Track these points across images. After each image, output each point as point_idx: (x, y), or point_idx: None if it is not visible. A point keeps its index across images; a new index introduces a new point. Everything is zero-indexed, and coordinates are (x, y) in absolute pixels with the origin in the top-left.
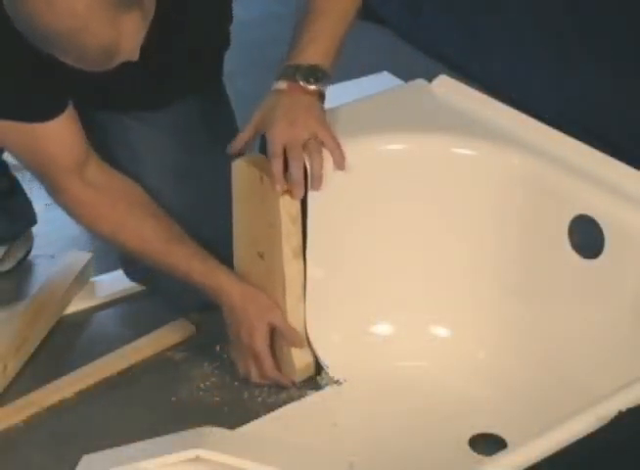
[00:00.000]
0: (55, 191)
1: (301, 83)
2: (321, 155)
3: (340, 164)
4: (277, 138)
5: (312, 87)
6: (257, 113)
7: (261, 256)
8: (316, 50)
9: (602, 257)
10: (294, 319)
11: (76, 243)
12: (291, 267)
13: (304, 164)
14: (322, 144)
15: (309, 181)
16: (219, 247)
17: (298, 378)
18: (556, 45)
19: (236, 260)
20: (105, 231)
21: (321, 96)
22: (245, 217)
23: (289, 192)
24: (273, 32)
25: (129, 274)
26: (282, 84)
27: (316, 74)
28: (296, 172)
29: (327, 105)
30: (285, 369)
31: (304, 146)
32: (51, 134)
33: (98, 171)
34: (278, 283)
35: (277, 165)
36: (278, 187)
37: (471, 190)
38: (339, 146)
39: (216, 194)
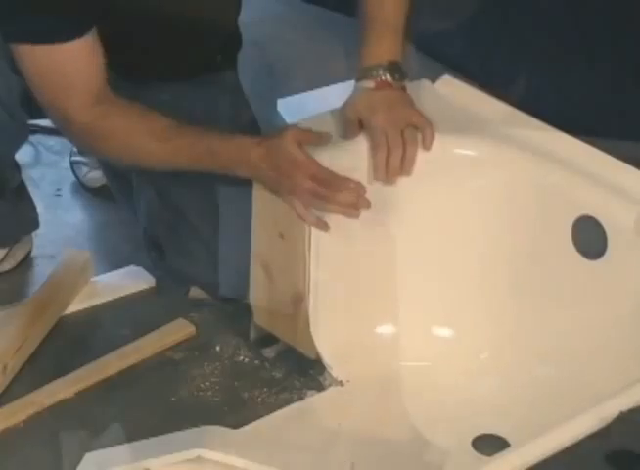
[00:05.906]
0: (64, 120)
1: (387, 79)
2: (417, 144)
3: (427, 143)
4: (380, 127)
5: (398, 82)
6: (350, 109)
7: (282, 236)
8: (386, 47)
9: (605, 257)
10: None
11: (76, 243)
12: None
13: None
14: (416, 129)
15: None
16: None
17: (316, 355)
18: (556, 45)
19: (254, 239)
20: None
21: (404, 89)
22: (265, 198)
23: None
24: (273, 32)
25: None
26: (369, 83)
27: (398, 70)
28: (394, 161)
29: (328, 106)
30: (303, 347)
31: (402, 133)
32: (69, 56)
33: (114, 105)
34: (300, 263)
35: (382, 155)
36: (380, 176)
37: (474, 191)
38: (431, 127)
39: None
